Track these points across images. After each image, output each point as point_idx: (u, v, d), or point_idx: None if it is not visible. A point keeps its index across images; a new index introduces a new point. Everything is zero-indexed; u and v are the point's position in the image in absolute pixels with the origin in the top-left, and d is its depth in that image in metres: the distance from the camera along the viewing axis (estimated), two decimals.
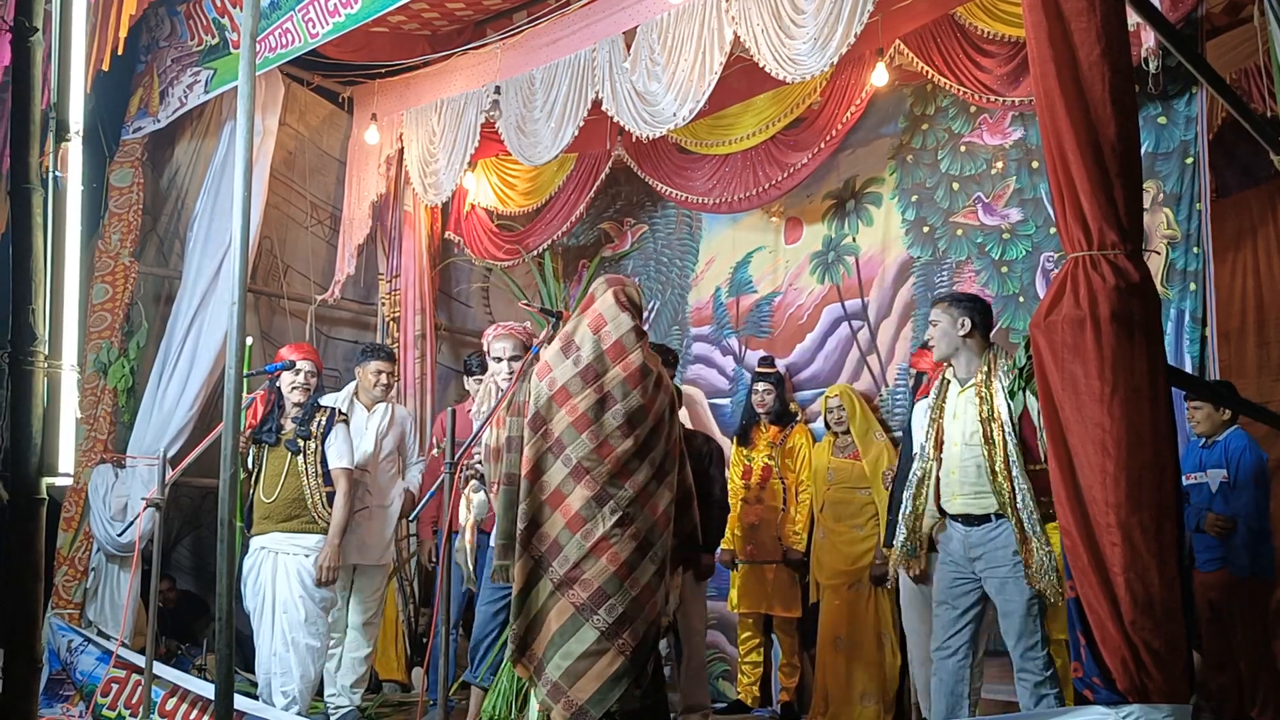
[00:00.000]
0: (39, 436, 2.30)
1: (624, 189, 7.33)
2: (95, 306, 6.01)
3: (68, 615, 5.71)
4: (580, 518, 3.11)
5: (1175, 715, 2.35)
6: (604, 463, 3.11)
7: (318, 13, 5.26)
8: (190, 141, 6.49)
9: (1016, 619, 3.64)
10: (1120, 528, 2.40)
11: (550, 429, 3.19)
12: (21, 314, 2.30)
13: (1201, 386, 3.36)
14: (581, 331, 3.27)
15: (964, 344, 3.85)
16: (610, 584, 3.05)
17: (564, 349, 3.27)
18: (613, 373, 3.17)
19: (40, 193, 2.40)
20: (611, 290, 3.34)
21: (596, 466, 3.11)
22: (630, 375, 3.16)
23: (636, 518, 3.10)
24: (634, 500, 3.11)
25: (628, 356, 3.18)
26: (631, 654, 3.06)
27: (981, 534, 3.73)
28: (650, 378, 3.23)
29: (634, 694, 3.06)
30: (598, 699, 3.02)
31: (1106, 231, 2.51)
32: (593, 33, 5.47)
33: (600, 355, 3.20)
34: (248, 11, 2.82)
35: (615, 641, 3.04)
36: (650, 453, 3.17)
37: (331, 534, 4.62)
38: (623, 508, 3.09)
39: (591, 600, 3.05)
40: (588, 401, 3.15)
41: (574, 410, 3.15)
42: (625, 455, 3.12)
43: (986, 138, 5.79)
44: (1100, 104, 2.54)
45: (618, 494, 3.10)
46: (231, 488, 2.63)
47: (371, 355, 5.32)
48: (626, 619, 3.05)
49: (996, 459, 3.63)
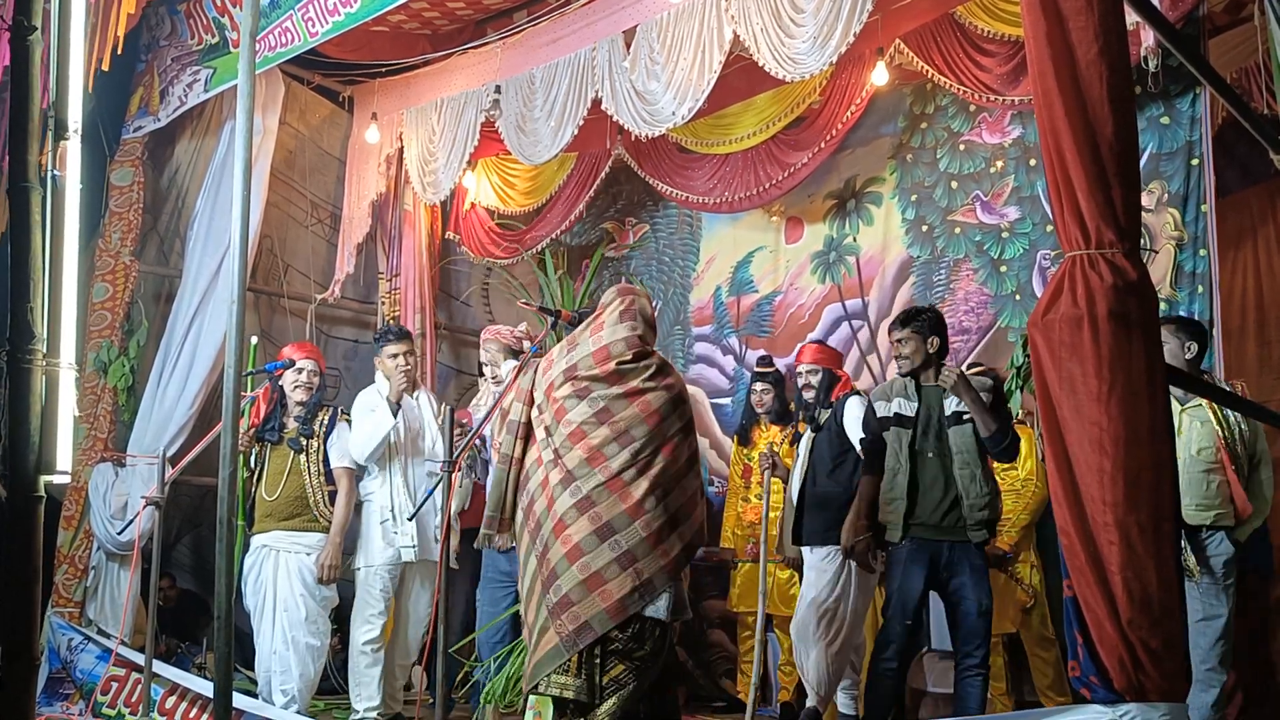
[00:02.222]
0: (37, 434, 2.31)
1: (625, 188, 7.33)
2: (95, 305, 6.01)
3: (68, 614, 5.72)
4: (550, 496, 3.26)
5: (1172, 714, 2.35)
6: (574, 449, 3.25)
7: (317, 12, 5.26)
8: (190, 140, 6.49)
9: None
10: (1118, 526, 2.40)
11: (541, 418, 3.40)
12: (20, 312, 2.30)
13: (1199, 385, 3.36)
14: (583, 334, 3.45)
15: (1188, 366, 4.02)
16: (560, 565, 3.15)
17: (567, 345, 3.47)
18: (593, 371, 3.32)
19: (39, 191, 2.41)
20: (618, 299, 3.47)
21: (568, 452, 3.27)
22: (607, 375, 3.31)
23: (599, 503, 3.18)
24: (601, 486, 3.19)
25: (609, 363, 3.32)
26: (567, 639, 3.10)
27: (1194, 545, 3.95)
28: (633, 377, 3.32)
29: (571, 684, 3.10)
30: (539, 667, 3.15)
31: (1104, 230, 2.51)
32: (592, 32, 5.47)
33: (586, 356, 3.36)
34: (247, 10, 2.82)
35: (554, 622, 3.12)
36: (631, 444, 3.24)
37: (333, 532, 4.62)
38: (585, 491, 3.19)
39: (547, 579, 3.17)
40: (565, 393, 3.33)
41: (555, 401, 3.34)
42: (600, 443, 3.23)
43: (985, 136, 5.79)
44: (1098, 103, 2.53)
45: (584, 479, 3.21)
46: (231, 486, 2.63)
47: (384, 340, 4.94)
48: (567, 602, 3.11)
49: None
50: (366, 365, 7.01)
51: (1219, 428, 3.99)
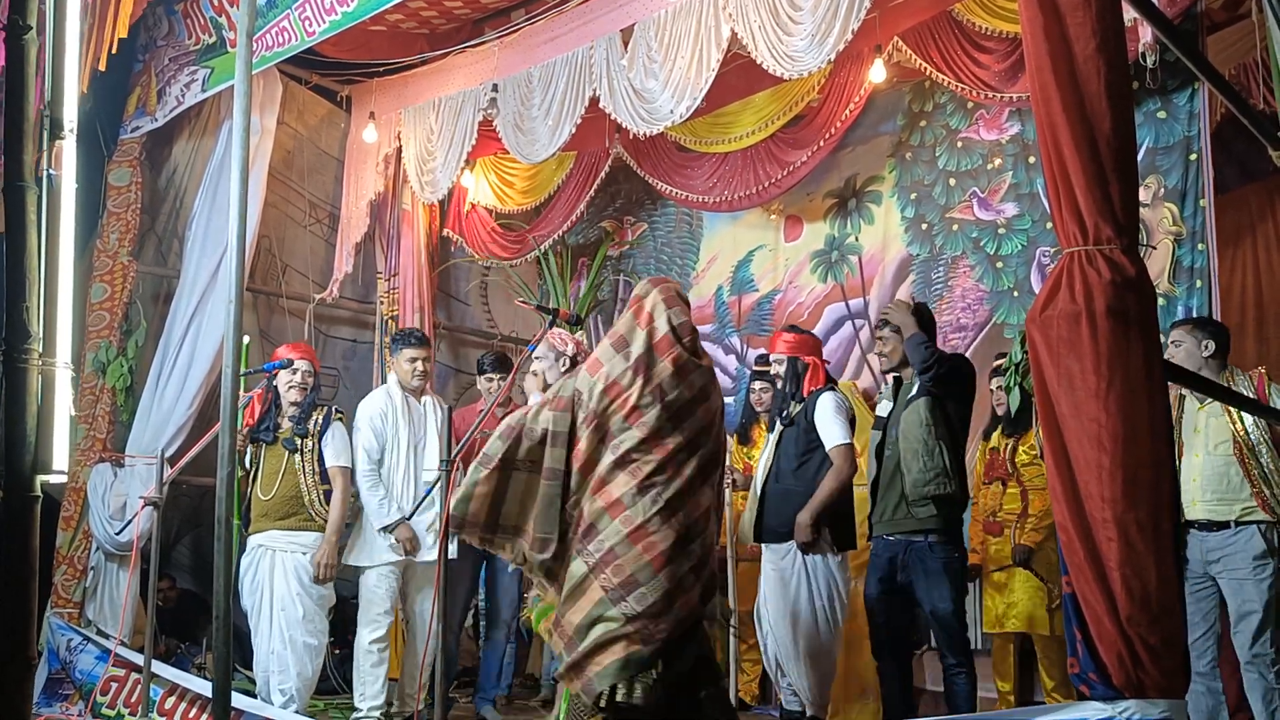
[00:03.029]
0: (33, 434, 2.30)
1: (624, 187, 7.33)
2: (94, 306, 6.00)
3: (67, 614, 5.71)
4: (621, 504, 3.08)
5: (1171, 710, 2.35)
6: (651, 452, 3.11)
7: (314, 11, 5.26)
8: (188, 140, 6.48)
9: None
10: (1116, 523, 2.40)
11: (601, 422, 3.18)
12: (16, 311, 2.29)
13: (1196, 381, 3.36)
14: (631, 329, 3.29)
15: (1206, 364, 4.05)
16: (643, 572, 3.01)
17: (614, 345, 3.28)
18: (661, 366, 3.19)
19: (34, 191, 2.40)
20: (658, 289, 3.35)
21: (644, 457, 3.11)
22: (679, 369, 3.18)
23: (679, 510, 3.08)
24: (680, 494, 3.09)
25: (675, 351, 3.20)
26: (653, 642, 2.98)
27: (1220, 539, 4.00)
28: (697, 374, 3.23)
29: (654, 686, 2.98)
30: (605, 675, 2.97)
31: (1102, 227, 2.51)
32: (590, 30, 5.46)
33: (649, 349, 3.21)
34: (244, 10, 2.81)
35: (638, 625, 2.98)
36: (699, 450, 3.16)
37: (329, 532, 4.62)
38: (665, 499, 3.06)
39: (622, 586, 3.01)
40: (637, 393, 3.15)
41: (625, 403, 3.15)
42: (676, 449, 3.12)
43: (983, 133, 5.79)
44: (1096, 99, 2.53)
45: (662, 486, 3.08)
46: (229, 487, 2.63)
47: (404, 343, 5.04)
48: (655, 609, 2.99)
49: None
50: (365, 365, 7.02)
51: (1235, 424, 4.01)
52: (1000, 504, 4.86)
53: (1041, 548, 4.67)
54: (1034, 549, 4.68)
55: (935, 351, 4.03)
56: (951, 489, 3.95)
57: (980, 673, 5.15)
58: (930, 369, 3.97)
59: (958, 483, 3.99)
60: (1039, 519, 4.68)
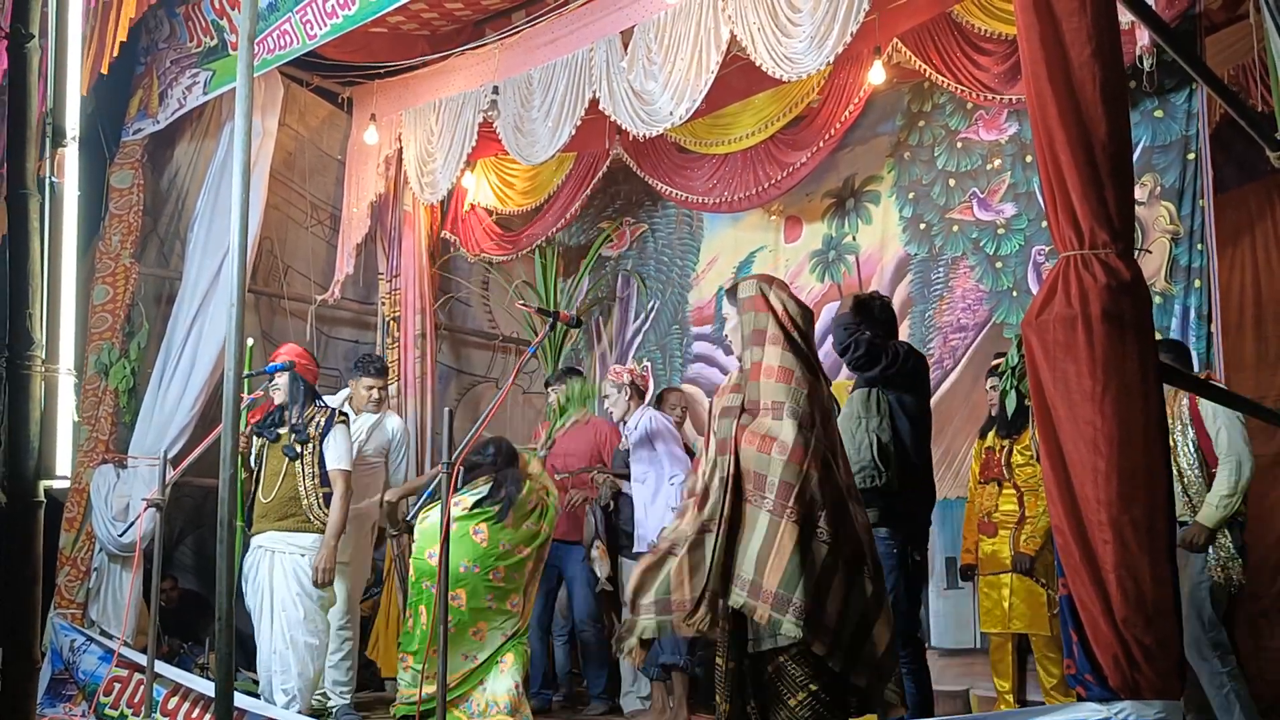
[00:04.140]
0: (37, 440, 2.32)
1: (624, 188, 7.34)
2: (96, 308, 6.03)
3: (70, 615, 5.74)
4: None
5: (1166, 711, 2.36)
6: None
7: (316, 14, 5.27)
8: (190, 143, 6.50)
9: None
10: (1112, 525, 2.41)
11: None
12: (19, 318, 2.31)
13: (1193, 382, 3.37)
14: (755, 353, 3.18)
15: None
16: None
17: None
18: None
19: (37, 198, 2.42)
20: (776, 298, 3.16)
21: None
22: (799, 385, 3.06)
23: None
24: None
25: (796, 372, 3.08)
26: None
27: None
28: (815, 394, 3.08)
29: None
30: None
31: (1098, 231, 2.52)
32: (590, 32, 5.48)
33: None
34: (245, 13, 2.82)
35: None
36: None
37: (328, 534, 4.62)
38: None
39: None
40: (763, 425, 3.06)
41: (753, 437, 3.06)
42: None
43: (982, 133, 5.80)
44: (1091, 104, 2.54)
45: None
46: (231, 488, 2.64)
47: (363, 370, 5.36)
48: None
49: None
50: None
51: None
52: (996, 505, 4.86)
53: (1040, 554, 4.67)
54: (1034, 557, 4.68)
55: (853, 335, 3.87)
56: (881, 482, 3.82)
57: (979, 672, 5.18)
58: (846, 351, 3.85)
59: (893, 474, 3.84)
60: (1035, 524, 4.69)
